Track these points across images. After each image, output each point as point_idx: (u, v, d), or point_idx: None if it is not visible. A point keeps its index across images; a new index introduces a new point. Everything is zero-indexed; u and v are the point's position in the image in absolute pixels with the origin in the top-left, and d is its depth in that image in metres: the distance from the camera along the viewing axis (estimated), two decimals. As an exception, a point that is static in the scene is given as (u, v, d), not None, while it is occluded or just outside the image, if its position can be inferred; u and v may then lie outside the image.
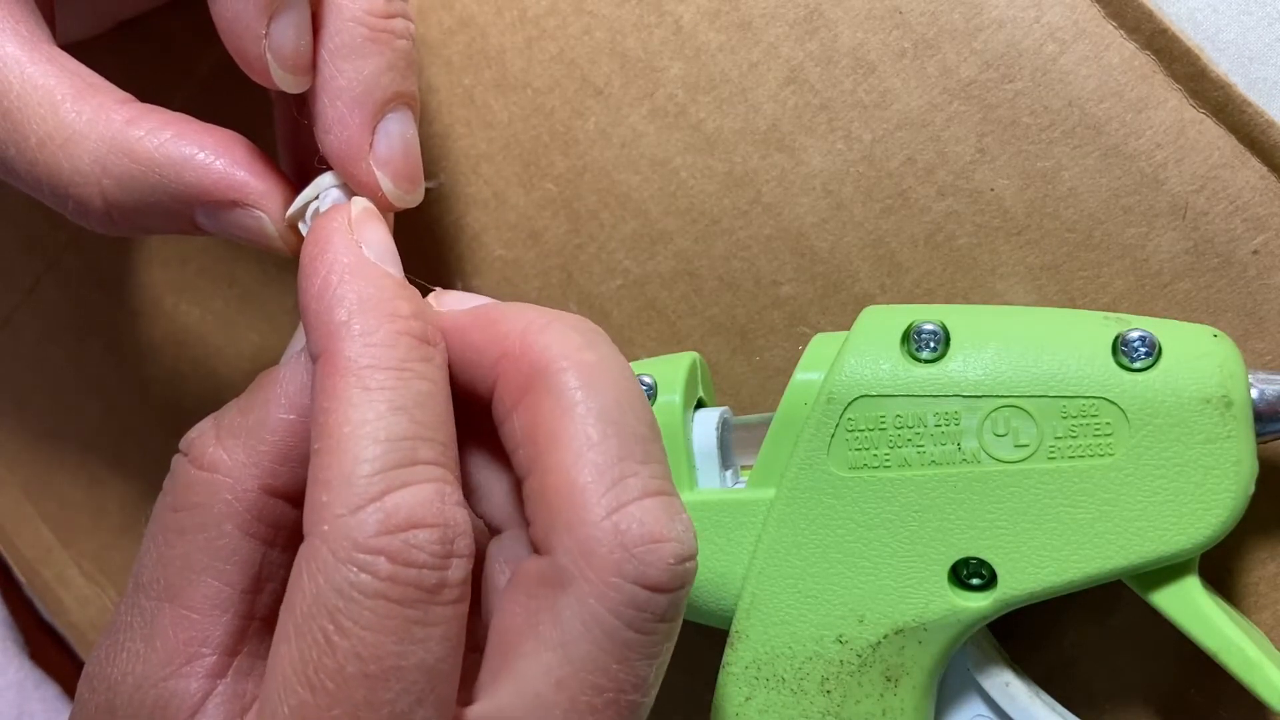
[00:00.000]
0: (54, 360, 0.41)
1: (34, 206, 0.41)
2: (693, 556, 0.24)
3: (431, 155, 0.36)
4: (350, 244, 0.26)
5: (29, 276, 0.41)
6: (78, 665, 0.42)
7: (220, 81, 0.37)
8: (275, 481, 0.26)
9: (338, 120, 0.28)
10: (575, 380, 0.24)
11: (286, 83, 0.28)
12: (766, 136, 0.33)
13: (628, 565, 0.23)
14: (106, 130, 0.28)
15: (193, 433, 0.27)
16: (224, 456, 0.26)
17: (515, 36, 0.35)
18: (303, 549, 0.24)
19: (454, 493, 0.24)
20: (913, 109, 0.31)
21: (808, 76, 0.32)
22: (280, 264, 0.38)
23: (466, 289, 0.36)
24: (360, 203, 0.28)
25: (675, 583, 0.24)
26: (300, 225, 0.29)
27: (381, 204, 0.29)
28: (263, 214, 0.29)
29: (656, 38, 0.34)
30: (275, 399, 0.27)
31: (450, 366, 0.26)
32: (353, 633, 0.22)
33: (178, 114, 0.29)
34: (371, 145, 0.28)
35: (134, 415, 0.40)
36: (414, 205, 0.30)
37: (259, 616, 0.27)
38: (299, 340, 0.28)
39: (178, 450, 0.27)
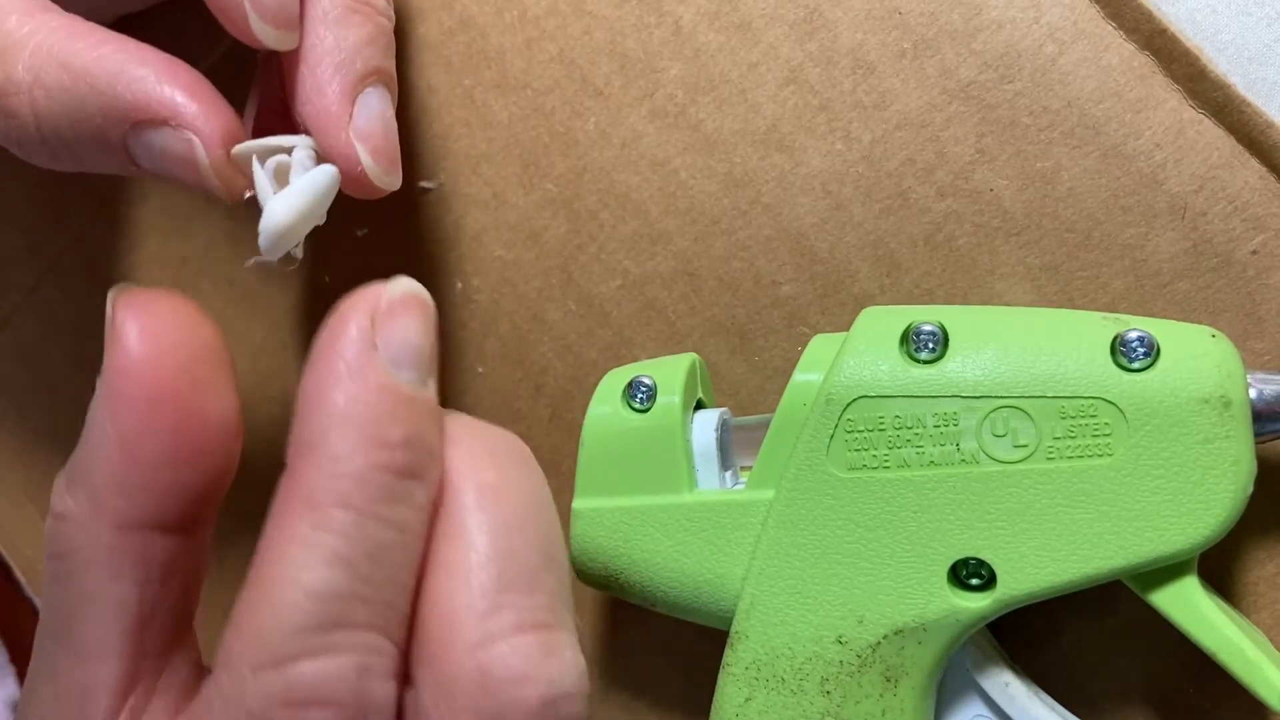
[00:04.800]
0: (54, 360, 0.41)
1: (36, 207, 0.41)
2: (569, 696, 0.22)
3: (431, 155, 0.36)
4: (360, 340, 0.23)
5: (30, 277, 0.41)
6: (78, 665, 0.42)
7: (221, 81, 0.37)
8: (121, 517, 0.24)
9: (317, 89, 0.27)
10: (470, 502, 0.23)
11: (268, 36, 0.27)
12: (766, 137, 0.33)
13: (485, 706, 0.21)
14: (46, 40, 0.27)
15: (55, 481, 0.25)
16: (70, 503, 0.24)
17: (515, 37, 0.35)
18: (205, 686, 0.22)
19: (383, 663, 0.21)
20: (912, 109, 0.31)
21: (808, 77, 0.32)
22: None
23: (466, 289, 0.36)
24: (402, 286, 0.24)
25: None
26: (256, 167, 0.28)
27: (361, 180, 0.28)
28: (193, 137, 0.27)
29: (656, 38, 0.34)
30: (93, 436, 0.24)
31: None
32: None
33: (127, 36, 0.28)
34: (351, 117, 0.28)
35: (134, 415, 0.40)
36: (392, 189, 0.29)
37: (152, 652, 0.25)
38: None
39: None
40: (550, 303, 0.35)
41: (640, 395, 0.30)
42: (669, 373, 0.30)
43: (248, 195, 0.28)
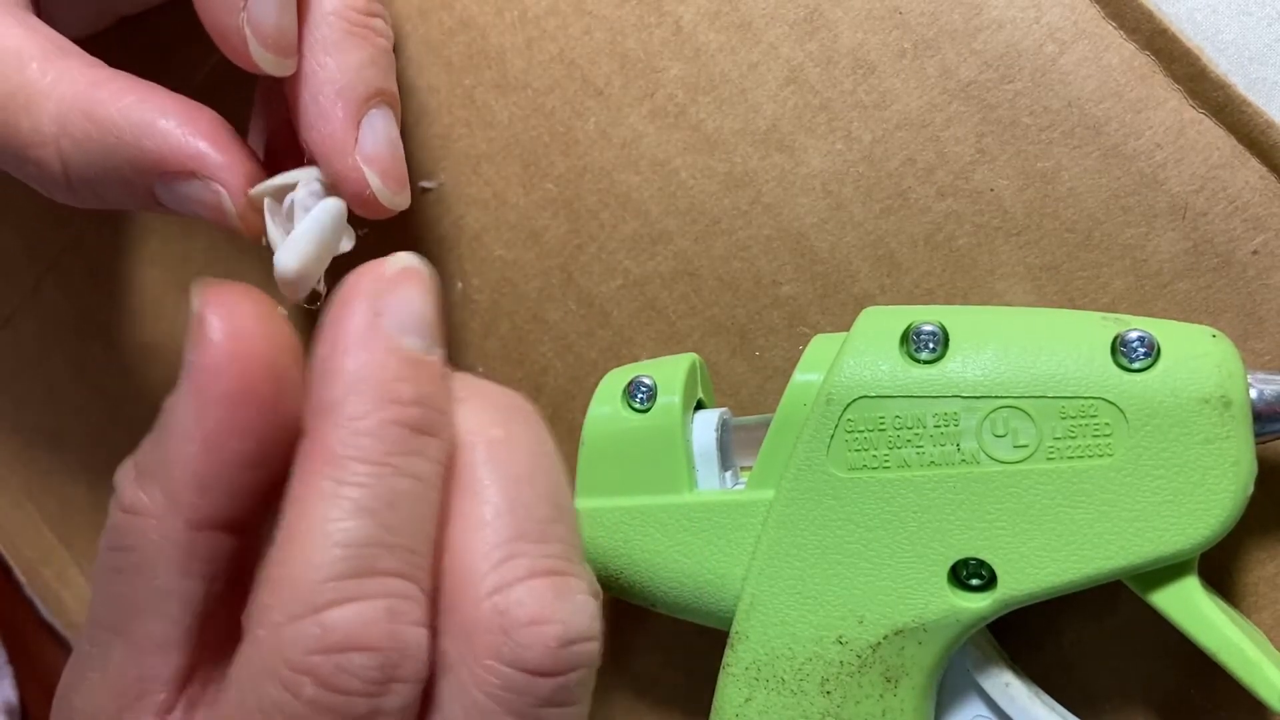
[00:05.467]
0: (54, 360, 0.41)
1: (36, 207, 0.41)
2: (585, 639, 0.23)
3: (431, 155, 0.36)
4: (366, 310, 0.24)
5: (30, 277, 0.41)
6: (78, 665, 0.42)
7: (220, 85, 0.37)
8: (197, 515, 0.24)
9: (321, 115, 0.28)
10: (480, 457, 0.24)
11: (266, 62, 0.27)
12: (766, 136, 0.33)
13: (505, 648, 0.22)
14: (70, 90, 0.27)
15: (118, 473, 0.26)
16: (143, 498, 0.25)
17: (515, 37, 0.35)
18: (240, 647, 0.22)
19: (412, 609, 0.22)
20: (913, 109, 0.31)
21: (808, 76, 0.32)
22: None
23: (467, 289, 0.36)
24: (400, 260, 0.26)
25: (559, 666, 0.22)
26: (268, 207, 0.28)
27: (370, 202, 0.28)
28: (220, 188, 0.27)
29: (656, 38, 0.34)
30: (173, 432, 0.25)
31: None
32: None
33: (147, 82, 0.28)
34: (357, 140, 0.28)
35: (134, 415, 0.40)
36: (402, 208, 0.29)
37: (210, 645, 0.25)
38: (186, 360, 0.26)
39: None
40: (550, 303, 0.35)
41: (640, 395, 0.30)
42: (669, 373, 0.30)
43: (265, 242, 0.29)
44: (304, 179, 0.28)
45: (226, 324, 0.25)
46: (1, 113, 0.28)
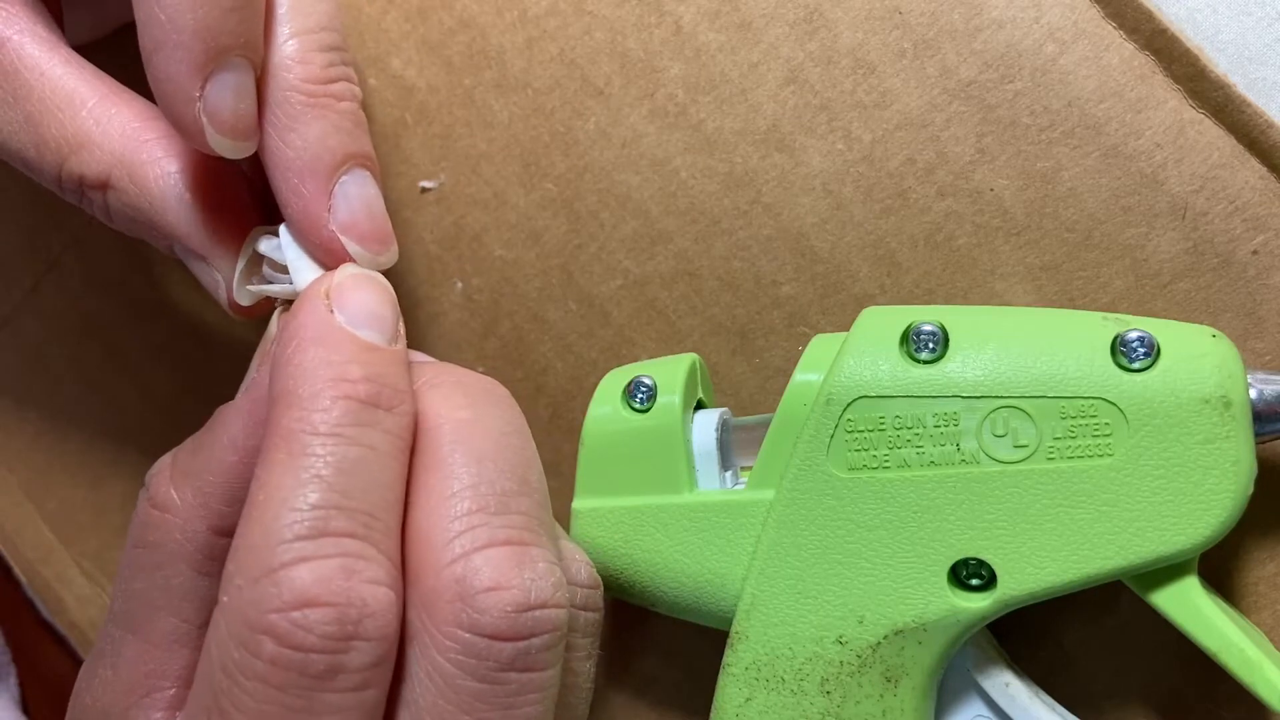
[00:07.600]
0: (54, 360, 0.41)
1: (36, 207, 0.41)
2: (546, 605, 0.23)
3: (432, 155, 0.36)
4: (317, 310, 0.25)
5: (30, 276, 0.41)
6: (78, 665, 0.42)
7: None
8: (223, 523, 0.26)
9: (293, 192, 0.28)
10: (447, 437, 0.25)
11: (224, 148, 0.27)
12: (766, 136, 0.33)
13: (463, 614, 0.23)
14: (119, 145, 0.28)
15: (153, 469, 0.27)
16: (174, 497, 0.26)
17: (515, 37, 0.35)
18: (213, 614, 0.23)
19: (370, 568, 0.23)
20: (913, 109, 0.31)
21: (808, 76, 0.32)
22: (280, 264, 0.38)
23: (467, 289, 0.36)
24: (349, 269, 0.27)
25: (518, 631, 0.23)
26: (260, 289, 0.29)
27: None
28: (220, 279, 0.29)
29: (656, 38, 0.34)
30: (219, 440, 0.26)
31: None
32: (231, 716, 0.22)
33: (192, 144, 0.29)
34: (331, 210, 0.28)
35: (134, 415, 0.40)
36: (390, 265, 0.29)
37: None
38: (250, 376, 0.28)
39: (143, 484, 0.27)
40: (550, 303, 0.35)
41: (640, 395, 0.30)
42: (669, 373, 0.30)
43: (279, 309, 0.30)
44: (258, 247, 0.29)
45: None
46: (55, 155, 0.29)
